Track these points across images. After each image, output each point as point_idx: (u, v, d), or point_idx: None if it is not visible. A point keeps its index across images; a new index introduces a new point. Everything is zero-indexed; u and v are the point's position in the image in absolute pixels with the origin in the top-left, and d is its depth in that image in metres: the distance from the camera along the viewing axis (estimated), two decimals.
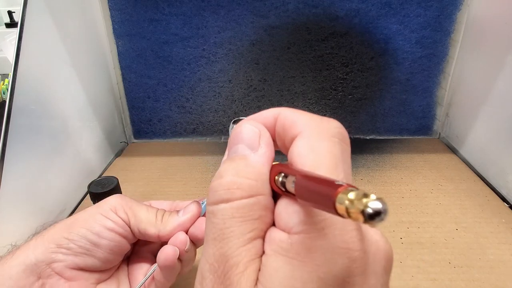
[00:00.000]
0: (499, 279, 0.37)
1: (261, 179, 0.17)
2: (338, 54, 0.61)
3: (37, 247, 0.26)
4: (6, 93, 0.84)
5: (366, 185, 0.53)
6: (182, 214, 0.29)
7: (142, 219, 0.28)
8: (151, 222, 0.28)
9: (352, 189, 0.12)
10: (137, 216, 0.28)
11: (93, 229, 0.27)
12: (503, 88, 0.50)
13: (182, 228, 0.28)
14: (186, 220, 0.28)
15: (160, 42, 0.60)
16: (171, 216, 0.29)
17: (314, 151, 0.16)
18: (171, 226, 0.28)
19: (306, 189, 0.14)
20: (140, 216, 0.28)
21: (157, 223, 0.28)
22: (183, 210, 0.29)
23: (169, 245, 0.27)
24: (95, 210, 0.28)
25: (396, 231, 0.44)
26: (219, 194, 0.17)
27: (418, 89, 0.63)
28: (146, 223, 0.28)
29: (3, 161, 0.36)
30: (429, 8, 0.57)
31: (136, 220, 0.28)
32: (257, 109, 0.65)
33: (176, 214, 0.29)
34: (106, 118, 0.62)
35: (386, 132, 0.67)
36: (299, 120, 0.18)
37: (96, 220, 0.27)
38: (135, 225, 0.28)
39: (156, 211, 0.29)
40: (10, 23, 1.20)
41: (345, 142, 0.17)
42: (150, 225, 0.28)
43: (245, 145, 0.18)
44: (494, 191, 0.51)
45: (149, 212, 0.29)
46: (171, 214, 0.29)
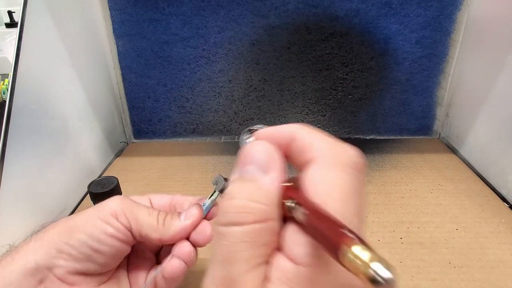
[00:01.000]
0: (499, 279, 0.37)
1: (272, 203, 0.17)
2: (338, 54, 0.61)
3: (37, 251, 0.25)
4: (6, 93, 0.84)
5: (366, 185, 0.53)
6: (184, 218, 0.28)
7: (144, 224, 0.28)
8: (153, 226, 0.28)
9: (357, 244, 0.12)
10: (138, 220, 0.28)
11: (94, 235, 0.26)
12: (503, 88, 0.50)
13: (184, 232, 0.28)
14: (188, 225, 0.28)
15: (160, 42, 0.60)
16: (174, 220, 0.28)
17: (328, 181, 0.16)
18: (174, 231, 0.28)
19: (314, 228, 0.14)
20: (142, 220, 0.28)
21: (159, 227, 0.28)
22: (185, 214, 0.29)
23: (176, 258, 0.27)
24: (96, 214, 0.27)
25: (396, 231, 0.44)
26: (230, 216, 0.16)
27: (418, 89, 0.63)
28: (147, 228, 0.28)
29: (3, 161, 0.36)
30: (429, 8, 0.57)
31: (137, 224, 0.28)
32: (257, 109, 0.65)
33: (178, 218, 0.29)
34: (106, 118, 0.62)
35: (386, 132, 0.67)
36: (315, 144, 0.18)
37: (97, 226, 0.27)
38: (137, 230, 0.28)
39: (157, 214, 0.29)
40: (10, 23, 1.20)
41: (361, 172, 0.17)
42: (152, 230, 0.28)
43: (257, 167, 0.18)
44: (494, 191, 0.51)
45: (151, 215, 0.28)
46: (173, 217, 0.29)
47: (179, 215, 0.29)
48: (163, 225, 0.28)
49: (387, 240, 0.42)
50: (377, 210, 0.47)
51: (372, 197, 0.50)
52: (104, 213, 0.27)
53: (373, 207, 0.48)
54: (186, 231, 0.28)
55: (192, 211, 0.29)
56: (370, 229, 0.44)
